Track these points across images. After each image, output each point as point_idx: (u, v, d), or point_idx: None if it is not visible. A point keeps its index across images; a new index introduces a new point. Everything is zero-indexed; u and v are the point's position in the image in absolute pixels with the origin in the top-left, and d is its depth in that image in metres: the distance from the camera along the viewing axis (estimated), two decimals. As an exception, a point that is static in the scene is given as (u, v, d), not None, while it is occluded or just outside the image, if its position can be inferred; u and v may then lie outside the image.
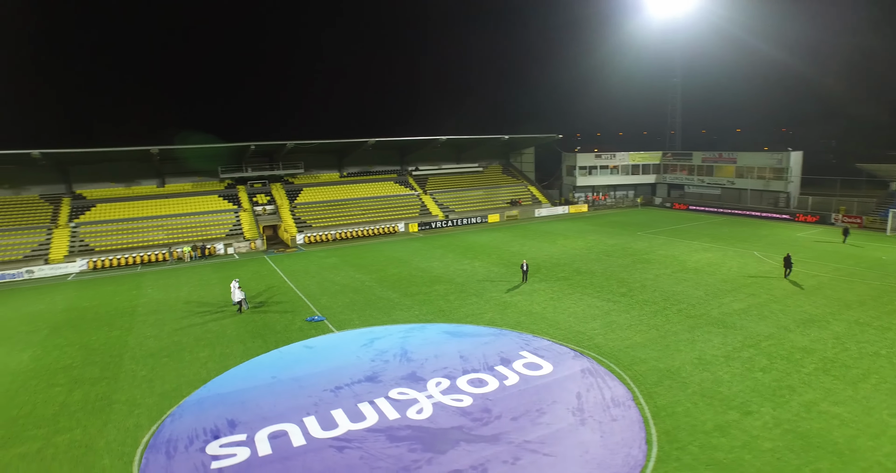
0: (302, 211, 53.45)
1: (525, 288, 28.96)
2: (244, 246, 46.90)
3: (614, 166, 64.84)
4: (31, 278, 39.55)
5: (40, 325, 26.92)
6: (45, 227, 45.25)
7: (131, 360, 21.39)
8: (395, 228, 52.40)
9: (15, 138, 46.52)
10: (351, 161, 61.91)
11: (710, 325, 21.91)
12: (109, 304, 30.28)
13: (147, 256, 43.25)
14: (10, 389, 19.26)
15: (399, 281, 32.00)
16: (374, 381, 18.26)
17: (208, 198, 53.29)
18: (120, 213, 48.60)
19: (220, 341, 23.00)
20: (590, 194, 66.02)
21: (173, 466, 13.84)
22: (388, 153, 63.45)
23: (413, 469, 13.19)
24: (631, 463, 12.87)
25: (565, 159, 66.85)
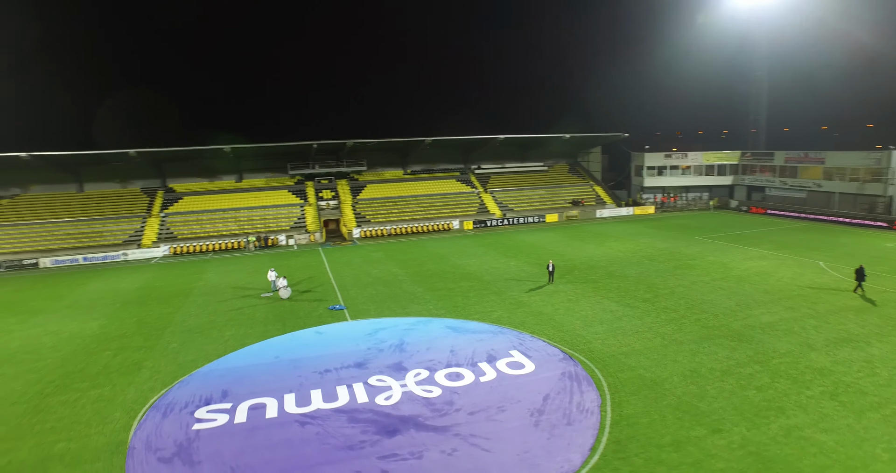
0: (363, 207, 56.08)
1: (548, 289, 28.58)
2: (304, 238, 50.26)
3: (686, 167, 60.87)
4: (126, 259, 45.45)
5: (116, 300, 31.10)
6: (141, 216, 51.65)
7: (170, 334, 24.21)
8: (449, 225, 53.35)
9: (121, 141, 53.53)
10: (415, 159, 63.75)
11: (723, 337, 20.42)
12: (173, 285, 34.17)
13: (218, 244, 47.92)
14: (76, 350, 22.68)
15: (429, 277, 32.85)
16: (361, 367, 19.28)
17: (279, 193, 57.63)
18: (201, 205, 54.13)
19: (247, 322, 25.27)
20: (659, 195, 62.51)
21: (163, 423, 15.80)
22: (451, 152, 64.55)
23: (357, 448, 14.00)
24: (565, 468, 12.70)
25: (634, 159, 63.88)
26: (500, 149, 64.62)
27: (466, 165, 65.12)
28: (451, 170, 64.35)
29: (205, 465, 13.61)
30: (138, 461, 13.97)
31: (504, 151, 65.50)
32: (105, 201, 53.39)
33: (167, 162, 56.77)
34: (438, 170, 64.17)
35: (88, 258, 44.94)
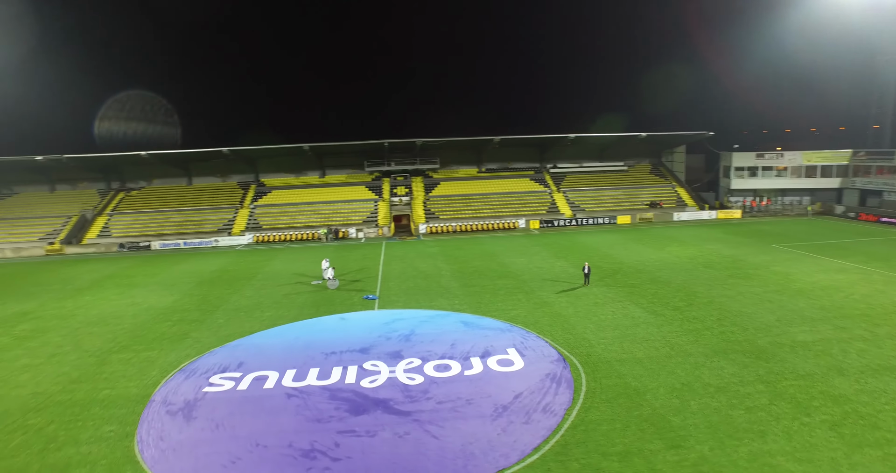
0: (434, 203, 57.82)
1: (581, 291, 27.96)
2: (373, 232, 53.10)
3: (782, 168, 54.76)
4: (216, 245, 51.33)
5: (193, 280, 35.58)
6: (234, 207, 57.81)
7: (221, 311, 27.41)
8: (515, 224, 53.31)
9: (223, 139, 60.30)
10: (489, 158, 64.28)
11: (740, 353, 18.87)
12: (242, 270, 38.22)
13: (295, 235, 52.29)
14: (147, 319, 26.61)
15: (470, 273, 33.47)
16: (364, 353, 20.60)
17: (356, 188, 61.26)
18: (286, 198, 59.24)
19: (287, 306, 27.80)
20: (750, 198, 56.95)
21: (183, 384, 18.33)
22: (526, 151, 64.19)
23: (324, 421, 15.31)
24: (499, 463, 12.96)
25: (722, 159, 58.83)
26: (577, 148, 63.00)
27: (542, 164, 64.34)
28: (526, 169, 63.98)
29: (198, 421, 15.71)
30: (152, 411, 16.46)
31: (581, 151, 63.75)
32: (207, 194, 60.52)
33: (260, 159, 62.81)
34: (513, 168, 64.12)
35: (188, 243, 51.41)
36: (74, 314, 27.91)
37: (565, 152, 63.66)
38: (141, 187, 62.42)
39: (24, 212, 56.92)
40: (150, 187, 62.52)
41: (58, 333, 24.83)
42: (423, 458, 13.31)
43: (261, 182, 63.07)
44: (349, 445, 14.06)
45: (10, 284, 36.96)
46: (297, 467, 13.16)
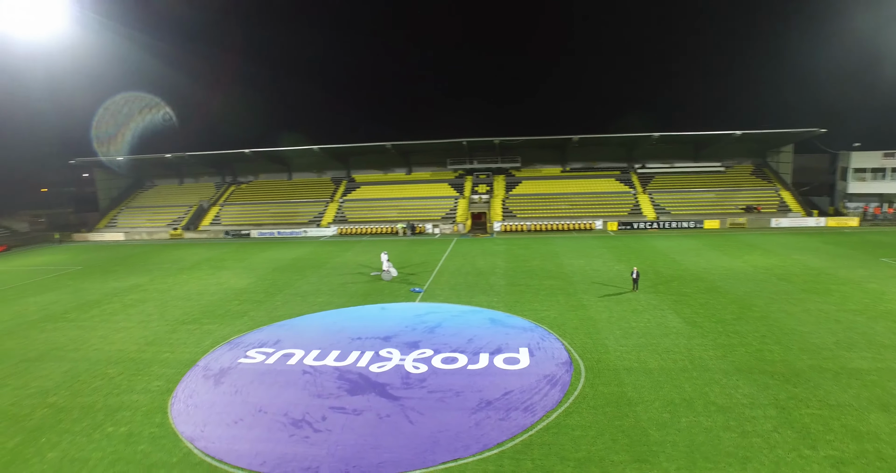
0: (512, 202, 57.93)
1: (626, 296, 26.89)
2: (448, 228, 54.55)
3: (917, 170, 46.74)
4: (304, 236, 56.10)
5: (271, 266, 39.53)
6: (325, 201, 62.57)
7: (282, 295, 30.40)
8: (591, 225, 51.72)
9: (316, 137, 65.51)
10: (574, 157, 62.82)
11: (767, 374, 17.20)
12: (316, 259, 41.60)
13: (375, 228, 55.40)
14: (222, 298, 30.29)
15: (523, 272, 33.47)
16: (385, 340, 21.91)
17: (440, 185, 63.19)
18: (373, 193, 62.83)
19: (340, 293, 30.06)
20: (874, 204, 49.37)
21: (223, 355, 20.99)
22: (613, 150, 61.75)
23: (323, 397, 16.82)
24: (458, 452, 13.46)
25: (839, 160, 51.64)
26: (669, 147, 59.26)
27: (629, 164, 61.43)
28: (612, 168, 61.53)
29: (224, 386, 18.04)
30: (192, 374, 19.17)
31: (673, 150, 59.85)
32: (303, 188, 66.14)
33: (351, 156, 67.19)
34: (598, 168, 62.01)
35: (281, 233, 56.80)
36: (170, 289, 32.64)
37: (654, 152, 60.15)
38: (249, 181, 69.93)
39: (158, 201, 66.67)
40: (257, 181, 69.80)
41: (153, 304, 29.32)
42: (391, 439, 14.20)
43: (352, 178, 67.50)
44: (334, 419, 15.38)
45: (137, 261, 43.88)
46: (283, 432, 14.75)
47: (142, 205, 66.33)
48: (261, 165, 68.66)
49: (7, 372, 20.18)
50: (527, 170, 63.61)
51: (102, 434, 15.04)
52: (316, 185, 66.99)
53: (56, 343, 23.15)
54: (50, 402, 17.35)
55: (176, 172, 71.10)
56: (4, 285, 36.20)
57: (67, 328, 25.42)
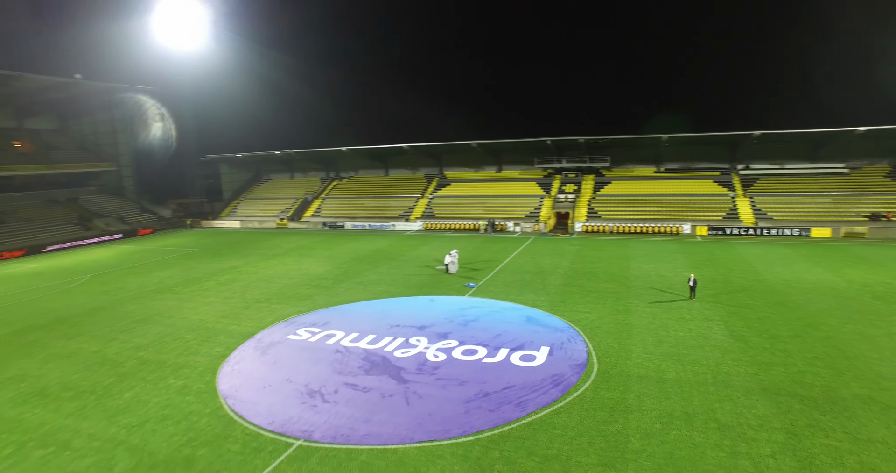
0: (599, 202, 56.24)
1: (678, 304, 25.47)
2: (529, 227, 54.47)
3: None
4: (392, 229, 59.37)
5: (352, 256, 42.82)
6: (416, 197, 65.50)
7: (349, 282, 33.06)
8: (678, 229, 48.59)
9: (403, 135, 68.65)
10: (670, 157, 59.16)
11: (798, 397, 15.68)
12: (393, 251, 44.16)
13: (458, 225, 56.98)
14: (297, 282, 33.83)
15: (583, 274, 32.89)
16: (420, 329, 23.28)
17: (527, 184, 63.11)
18: (461, 191, 64.48)
19: (400, 284, 32.00)
20: None
21: (277, 330, 23.81)
22: (714, 149, 57.06)
23: (343, 374, 18.65)
24: (436, 436, 14.40)
25: None
26: (780, 146, 53.32)
27: (732, 165, 56.33)
28: (711, 169, 56.91)
29: (267, 356, 20.67)
30: (247, 344, 22.14)
31: (785, 149, 53.70)
32: (398, 184, 69.76)
33: (444, 154, 69.44)
34: (696, 169, 57.72)
35: (372, 226, 60.69)
36: (258, 272, 37.05)
37: (763, 152, 54.40)
38: (350, 176, 75.34)
39: (271, 193, 74.55)
40: (357, 176, 74.96)
41: (239, 284, 33.63)
42: (383, 416, 15.53)
43: (443, 175, 69.80)
44: (343, 393, 17.08)
45: (242, 246, 49.98)
46: (297, 399, 16.76)
47: (257, 196, 74.68)
48: (361, 161, 73.64)
49: (121, 329, 24.84)
50: (618, 170, 61.09)
51: (165, 385, 18.23)
52: (409, 181, 70.30)
53: (159, 310, 27.82)
54: (139, 355, 21.21)
55: (288, 168, 78.85)
56: (141, 261, 43.54)
57: (170, 298, 30.27)
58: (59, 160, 65.57)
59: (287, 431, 14.82)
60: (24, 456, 14.19)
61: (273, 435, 14.57)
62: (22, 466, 13.74)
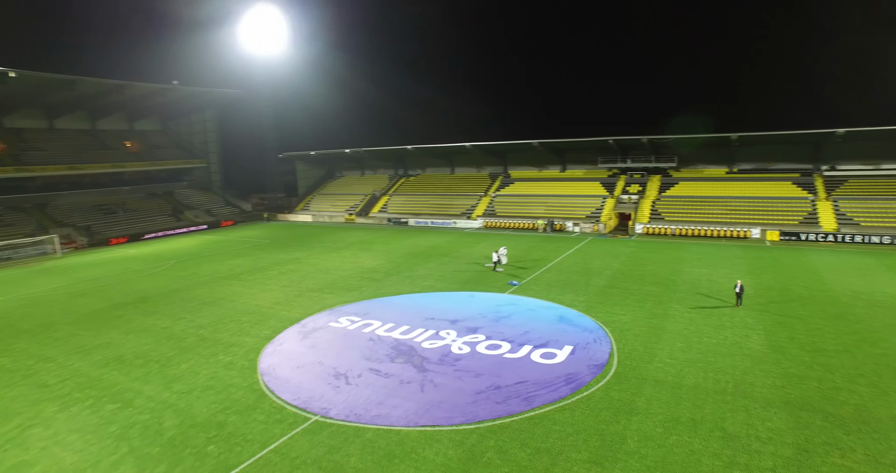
0: (663, 204, 54.10)
1: (721, 310, 24.36)
2: (589, 227, 53.50)
3: None
4: (453, 226, 60.57)
5: (408, 251, 44.43)
6: (479, 195, 66.27)
7: (398, 276, 34.57)
8: (746, 233, 45.66)
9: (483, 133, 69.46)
10: (744, 156, 55.52)
11: (823, 414, 14.84)
12: (447, 248, 45.32)
13: (517, 223, 57.07)
14: (350, 274, 35.79)
15: (629, 276, 32.19)
16: (452, 323, 24.18)
17: (590, 184, 61.86)
18: (525, 190, 64.39)
19: (447, 279, 33.01)
20: None
21: (322, 317, 25.72)
22: (795, 148, 52.73)
23: (371, 360, 20.01)
24: (439, 420, 15.26)
25: None
26: (875, 145, 48.26)
27: (815, 165, 51.79)
28: (791, 170, 52.67)
29: (307, 340, 22.53)
30: (292, 328, 24.18)
31: (882, 148, 48.47)
32: (462, 182, 70.87)
33: (509, 153, 69.57)
34: (773, 170, 53.69)
35: (434, 222, 62.28)
36: (316, 264, 39.65)
37: (854, 151, 49.48)
38: (417, 174, 77.49)
39: (342, 190, 78.46)
40: (424, 174, 76.95)
41: (298, 274, 36.27)
42: (397, 400, 16.63)
43: (507, 174, 69.99)
44: (366, 378, 18.40)
45: (308, 239, 53.39)
46: (324, 379, 18.31)
47: (329, 192, 78.90)
48: (428, 160, 75.57)
49: (189, 309, 27.96)
50: (686, 170, 58.17)
51: (215, 360, 20.54)
52: (474, 179, 71.18)
53: (224, 295, 30.86)
54: (199, 333, 23.90)
55: (359, 165, 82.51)
56: (218, 251, 47.97)
57: (236, 285, 33.38)
58: (160, 158, 73.28)
59: (308, 407, 16.34)
60: (98, 408, 16.82)
61: (295, 410, 16.15)
62: (97, 415, 16.33)
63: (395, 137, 77.70)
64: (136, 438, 14.90)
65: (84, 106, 66.76)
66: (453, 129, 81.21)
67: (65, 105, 64.87)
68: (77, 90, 57.29)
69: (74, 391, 18.27)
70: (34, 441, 15.13)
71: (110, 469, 13.49)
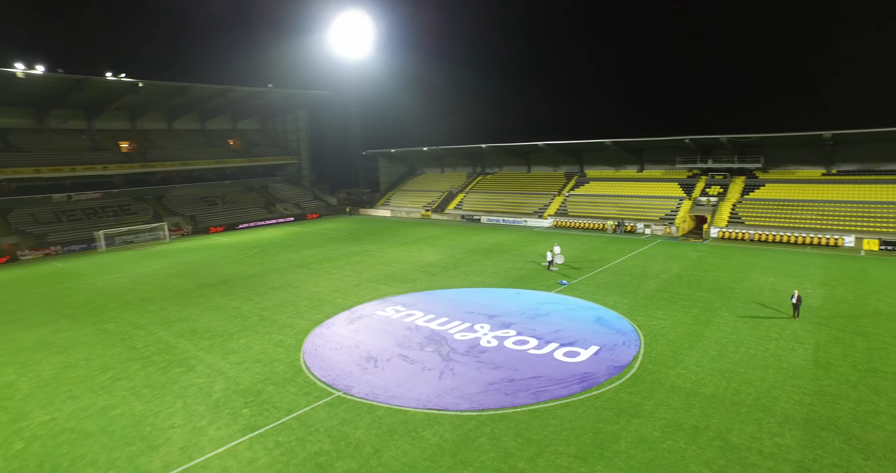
0: (745, 207, 50.44)
1: (773, 321, 22.86)
2: (660, 229, 51.25)
3: None
4: (523, 225, 60.67)
5: (471, 247, 45.51)
6: (553, 194, 65.69)
7: (454, 271, 35.85)
8: (838, 240, 41.34)
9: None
10: (845, 156, 49.99)
11: (844, 437, 13.89)
12: (510, 246, 45.81)
13: (586, 223, 55.99)
14: (409, 268, 37.76)
15: (685, 281, 30.83)
16: (489, 317, 25.06)
17: (668, 185, 59.04)
18: (599, 190, 62.84)
19: (499, 275, 33.79)
20: None
21: (371, 306, 27.71)
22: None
23: (402, 347, 21.52)
24: (446, 405, 16.34)
25: None
26: None
27: (939, 166, 45.46)
28: (908, 171, 46.64)
29: (352, 325, 24.56)
30: (342, 315, 26.38)
31: None
32: (538, 181, 70.55)
33: (586, 152, 68.12)
34: (882, 171, 47.79)
35: (506, 220, 62.77)
36: (381, 256, 42.02)
37: None
38: (494, 172, 78.19)
39: (421, 186, 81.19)
40: (501, 173, 77.46)
41: (362, 265, 38.79)
42: (414, 384, 17.96)
43: (583, 173, 68.61)
44: (393, 362, 19.92)
45: (381, 233, 56.30)
46: (356, 361, 20.09)
47: (409, 189, 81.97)
48: (505, 158, 76.01)
49: (259, 293, 31.29)
50: (775, 171, 53.44)
51: (268, 338, 23.16)
52: (549, 178, 70.58)
53: (291, 281, 34.02)
54: (261, 314, 26.86)
55: (439, 163, 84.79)
56: (298, 241, 52.27)
57: (305, 272, 36.55)
58: (258, 154, 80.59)
59: (335, 384, 18.15)
60: (168, 370, 19.91)
61: (323, 385, 18.03)
62: (165, 376, 19.39)
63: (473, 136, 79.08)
64: (190, 397, 17.58)
65: (196, 108, 75.29)
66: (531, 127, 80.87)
67: (180, 108, 73.64)
68: (188, 95, 64.97)
69: (154, 355, 21.66)
70: (118, 391, 18.38)
71: (165, 418, 16.16)
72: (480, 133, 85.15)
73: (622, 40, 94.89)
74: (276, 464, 13.47)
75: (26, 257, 50.11)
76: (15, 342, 24.75)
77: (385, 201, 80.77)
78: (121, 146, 68.30)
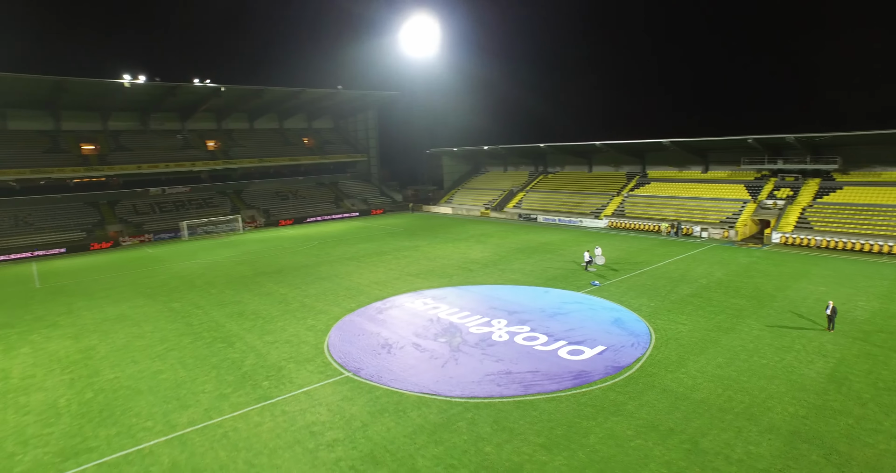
0: (815, 211, 46.81)
1: (803, 332, 21.77)
2: (718, 233, 48.82)
3: None
4: (579, 225, 60.03)
5: (518, 246, 46.03)
6: (611, 194, 64.33)
7: (493, 269, 36.82)
8: None
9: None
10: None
11: (825, 450, 13.51)
12: (556, 245, 45.83)
13: (640, 225, 54.45)
14: (450, 264, 39.18)
15: (724, 287, 29.58)
16: (510, 313, 25.96)
17: (733, 186, 55.89)
18: (660, 190, 60.76)
19: (534, 274, 34.35)
20: None
21: (402, 298, 29.50)
22: None
23: (418, 336, 23.09)
24: (443, 391, 17.62)
25: None
26: None
27: None
28: None
29: (380, 315, 26.47)
30: (374, 305, 28.38)
31: None
32: (598, 181, 69.26)
33: (648, 152, 65.91)
34: None
35: (561, 220, 62.40)
36: (430, 252, 43.75)
37: None
38: (556, 171, 77.59)
39: (484, 185, 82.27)
40: (562, 172, 76.74)
41: (408, 260, 40.72)
42: (418, 370, 19.46)
43: (645, 173, 66.48)
44: (406, 349, 21.51)
45: (436, 230, 58.12)
46: (372, 347, 21.91)
47: (472, 187, 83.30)
48: (566, 157, 75.24)
49: (306, 282, 34.13)
50: (856, 173, 48.76)
51: (303, 322, 25.59)
52: (610, 178, 69.05)
53: (338, 272, 36.64)
54: (303, 301, 29.49)
55: (502, 161, 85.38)
56: (357, 235, 55.39)
57: (353, 264, 39.10)
58: (330, 152, 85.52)
59: (347, 365, 20.03)
60: (212, 345, 22.87)
61: (337, 366, 19.97)
62: (209, 349, 22.35)
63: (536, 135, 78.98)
64: (224, 368, 20.22)
65: (273, 109, 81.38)
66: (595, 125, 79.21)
67: (260, 109, 79.96)
68: (265, 97, 70.63)
69: (204, 332, 24.79)
70: (169, 359, 21.50)
71: (200, 384, 18.83)
72: (543, 132, 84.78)
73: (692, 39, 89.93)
74: (276, 429, 15.50)
75: (126, 243, 57.34)
76: (103, 313, 29.15)
77: (448, 198, 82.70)
78: (207, 145, 75.50)
